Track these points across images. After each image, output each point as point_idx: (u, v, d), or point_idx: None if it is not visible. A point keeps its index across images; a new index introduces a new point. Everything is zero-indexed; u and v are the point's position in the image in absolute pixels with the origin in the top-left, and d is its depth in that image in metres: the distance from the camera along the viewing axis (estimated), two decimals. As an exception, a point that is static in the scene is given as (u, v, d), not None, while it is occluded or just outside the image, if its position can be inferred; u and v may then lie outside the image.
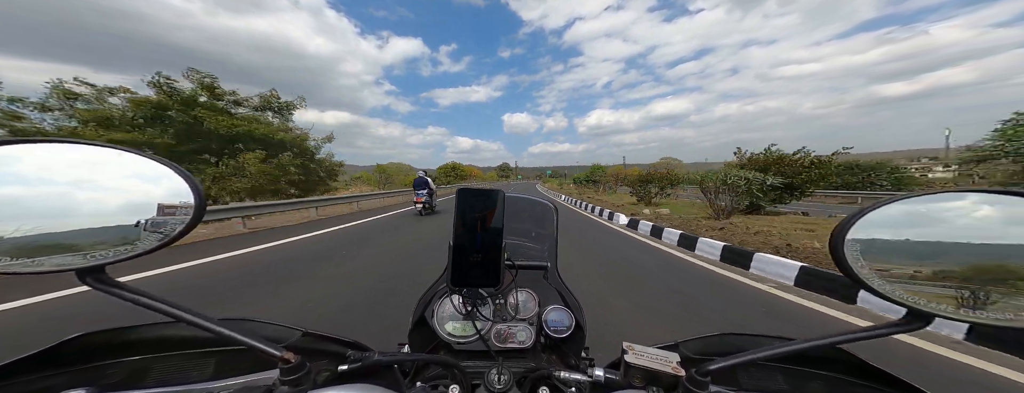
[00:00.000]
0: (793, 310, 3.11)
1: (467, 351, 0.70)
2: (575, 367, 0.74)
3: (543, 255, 1.01)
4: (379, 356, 0.47)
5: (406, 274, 4.03)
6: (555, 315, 0.75)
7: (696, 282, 4.00)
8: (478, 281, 0.59)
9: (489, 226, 0.57)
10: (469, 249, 0.57)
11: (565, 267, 1.24)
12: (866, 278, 0.36)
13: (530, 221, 1.11)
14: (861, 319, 2.88)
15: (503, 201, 0.58)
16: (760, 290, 3.66)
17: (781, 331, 2.20)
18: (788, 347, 0.42)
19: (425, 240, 6.43)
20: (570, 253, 5.42)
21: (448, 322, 0.72)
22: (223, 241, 6.38)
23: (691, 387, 0.42)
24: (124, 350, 0.48)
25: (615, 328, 2.60)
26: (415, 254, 5.19)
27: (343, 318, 2.73)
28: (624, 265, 4.80)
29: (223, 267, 4.45)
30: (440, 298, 0.75)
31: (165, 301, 0.36)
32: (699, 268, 4.67)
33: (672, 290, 3.65)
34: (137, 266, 4.02)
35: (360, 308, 2.93)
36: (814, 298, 3.34)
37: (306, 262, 4.70)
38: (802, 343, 0.41)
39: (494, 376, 0.52)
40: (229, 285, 3.67)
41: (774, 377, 0.54)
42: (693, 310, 3.07)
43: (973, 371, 2.09)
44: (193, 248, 5.49)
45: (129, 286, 0.35)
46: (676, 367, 0.45)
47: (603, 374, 0.51)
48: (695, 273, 4.43)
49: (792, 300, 3.33)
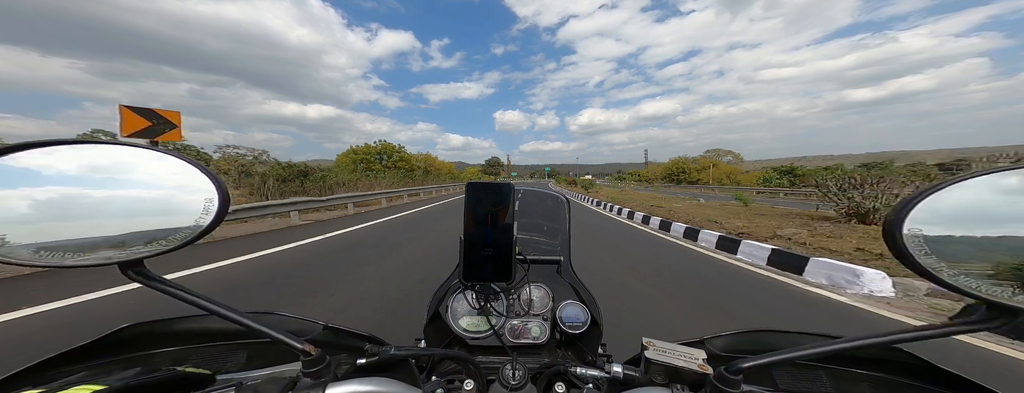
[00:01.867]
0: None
1: (481, 346, 0.71)
2: (592, 363, 0.74)
3: (556, 249, 1.01)
4: (395, 350, 0.48)
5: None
6: (570, 310, 0.75)
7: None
8: (490, 276, 0.60)
9: (501, 221, 0.58)
10: (480, 244, 0.58)
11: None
12: (933, 269, 0.31)
13: (541, 215, 1.11)
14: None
15: (514, 195, 0.58)
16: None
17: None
18: (836, 345, 0.38)
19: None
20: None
21: (462, 317, 0.73)
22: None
23: (721, 385, 0.39)
24: (167, 340, 0.52)
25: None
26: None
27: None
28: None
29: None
30: (453, 293, 0.76)
31: (199, 295, 0.38)
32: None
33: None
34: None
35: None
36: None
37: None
38: (853, 341, 0.37)
39: (509, 371, 0.52)
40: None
41: (816, 377, 0.50)
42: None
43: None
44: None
45: (167, 280, 0.37)
46: (702, 364, 0.43)
47: (622, 370, 0.50)
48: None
49: None
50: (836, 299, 3.50)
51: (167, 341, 0.52)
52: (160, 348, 0.51)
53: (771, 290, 3.79)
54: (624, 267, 4.66)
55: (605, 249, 6.00)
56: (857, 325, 2.86)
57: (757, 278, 4.28)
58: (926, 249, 0.31)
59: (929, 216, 0.31)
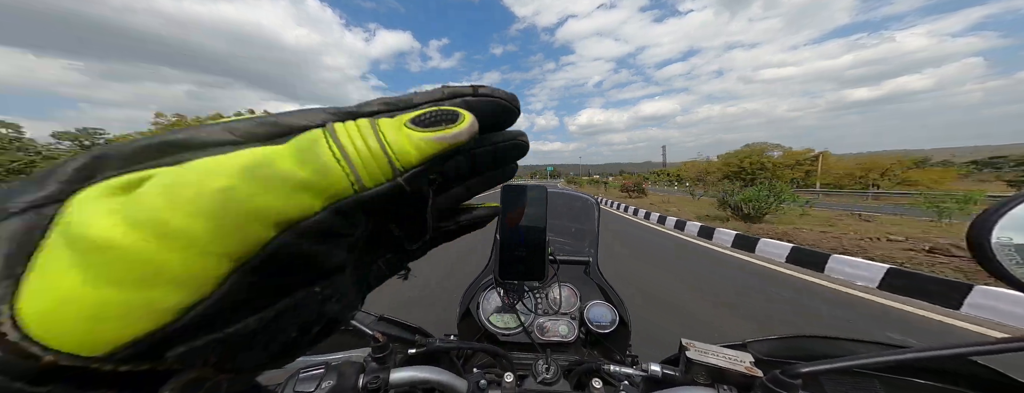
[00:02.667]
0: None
1: (512, 343, 0.73)
2: (622, 362, 0.75)
3: (584, 250, 1.01)
4: (439, 343, 0.51)
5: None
6: (597, 310, 0.76)
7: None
8: (523, 275, 0.61)
9: (534, 221, 0.59)
10: (515, 244, 0.60)
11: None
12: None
13: (570, 217, 1.11)
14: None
15: (546, 196, 0.60)
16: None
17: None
18: (904, 355, 0.36)
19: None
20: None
21: (492, 314, 0.74)
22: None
23: (776, 388, 0.38)
24: None
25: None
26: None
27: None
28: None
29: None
30: (484, 291, 0.77)
31: None
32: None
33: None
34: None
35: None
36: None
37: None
38: (925, 351, 0.35)
39: (541, 367, 0.53)
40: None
41: (869, 385, 0.49)
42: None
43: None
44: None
45: None
46: (750, 367, 0.43)
47: (660, 369, 0.50)
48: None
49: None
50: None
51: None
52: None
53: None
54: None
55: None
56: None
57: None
58: (1018, 259, 0.30)
59: (1019, 224, 0.30)
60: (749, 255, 6.33)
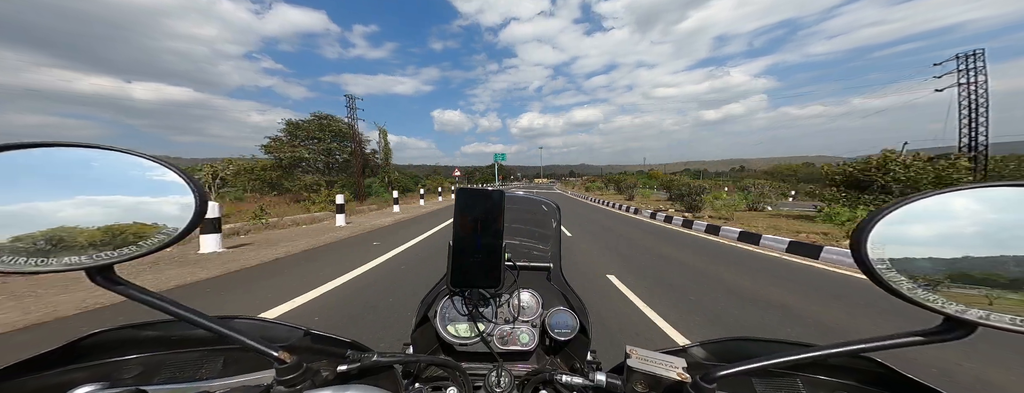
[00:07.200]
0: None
1: (470, 353, 0.70)
2: (579, 371, 0.74)
3: (546, 256, 1.01)
4: (378, 357, 0.47)
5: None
6: (558, 317, 0.75)
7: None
8: (478, 282, 0.59)
9: (490, 227, 0.58)
10: (470, 249, 0.58)
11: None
12: (895, 283, 0.33)
13: (531, 222, 1.10)
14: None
15: (503, 201, 0.58)
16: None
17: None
18: (805, 354, 0.39)
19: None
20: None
21: (450, 323, 0.72)
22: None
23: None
24: (139, 347, 0.50)
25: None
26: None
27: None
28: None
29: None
30: (443, 298, 0.75)
31: (169, 300, 0.37)
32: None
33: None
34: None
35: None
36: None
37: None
38: (822, 350, 0.38)
39: (494, 378, 0.52)
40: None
41: (792, 385, 0.51)
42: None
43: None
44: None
45: (136, 286, 0.36)
46: (681, 373, 0.44)
47: (605, 378, 0.50)
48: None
49: None
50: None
51: (139, 348, 0.50)
52: (132, 355, 0.49)
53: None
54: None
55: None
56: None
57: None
58: (887, 264, 0.33)
59: (892, 232, 0.33)
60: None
